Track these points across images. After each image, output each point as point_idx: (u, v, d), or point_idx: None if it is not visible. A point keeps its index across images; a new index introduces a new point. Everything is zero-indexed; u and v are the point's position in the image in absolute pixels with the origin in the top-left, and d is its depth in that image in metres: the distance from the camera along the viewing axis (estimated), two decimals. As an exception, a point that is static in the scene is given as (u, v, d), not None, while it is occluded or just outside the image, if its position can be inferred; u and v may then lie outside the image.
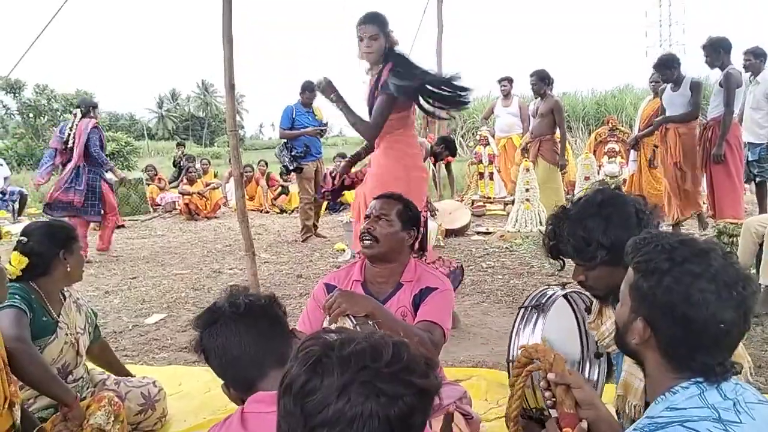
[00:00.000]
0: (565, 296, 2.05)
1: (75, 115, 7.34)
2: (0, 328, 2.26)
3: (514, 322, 1.93)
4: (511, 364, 1.84)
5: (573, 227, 1.82)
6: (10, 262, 2.50)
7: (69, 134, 7.09)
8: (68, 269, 2.58)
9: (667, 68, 6.22)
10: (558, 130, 7.79)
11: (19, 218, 10.78)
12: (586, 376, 2.03)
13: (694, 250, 1.29)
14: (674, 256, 1.28)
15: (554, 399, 1.50)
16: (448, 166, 10.02)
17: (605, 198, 1.83)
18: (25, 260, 2.50)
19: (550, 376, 1.51)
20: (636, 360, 1.38)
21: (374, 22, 3.65)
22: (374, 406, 0.91)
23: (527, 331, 1.88)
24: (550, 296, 1.95)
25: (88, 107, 7.37)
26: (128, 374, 3.11)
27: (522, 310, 1.94)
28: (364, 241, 2.53)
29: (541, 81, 7.73)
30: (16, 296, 2.42)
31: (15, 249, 2.54)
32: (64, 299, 2.68)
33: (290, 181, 11.43)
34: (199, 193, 11.26)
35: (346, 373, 0.93)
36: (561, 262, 1.96)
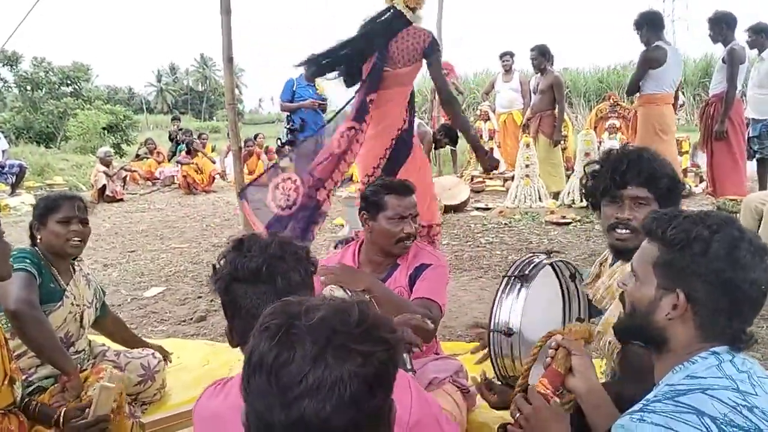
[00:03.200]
0: (551, 265, 2.03)
1: None
2: (9, 290, 2.29)
3: (497, 291, 1.89)
4: (493, 334, 1.84)
5: (642, 154, 1.86)
6: None
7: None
8: (39, 240, 2.59)
9: (637, 27, 5.51)
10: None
11: (16, 191, 10.75)
12: None
13: (722, 218, 1.32)
14: (709, 224, 1.28)
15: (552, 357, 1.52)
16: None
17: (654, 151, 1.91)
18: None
19: (558, 337, 1.54)
20: (654, 341, 1.34)
21: None
22: (352, 367, 0.90)
23: (509, 301, 1.84)
24: (536, 264, 1.89)
25: None
26: (145, 344, 3.15)
27: (505, 279, 1.89)
28: (407, 243, 2.51)
29: (542, 56, 7.67)
30: (27, 260, 2.46)
31: None
32: (74, 272, 2.70)
33: (285, 155, 11.38)
34: (195, 163, 11.25)
35: (318, 340, 0.92)
36: (595, 201, 1.94)
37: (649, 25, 5.47)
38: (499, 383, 1.94)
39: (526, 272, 1.86)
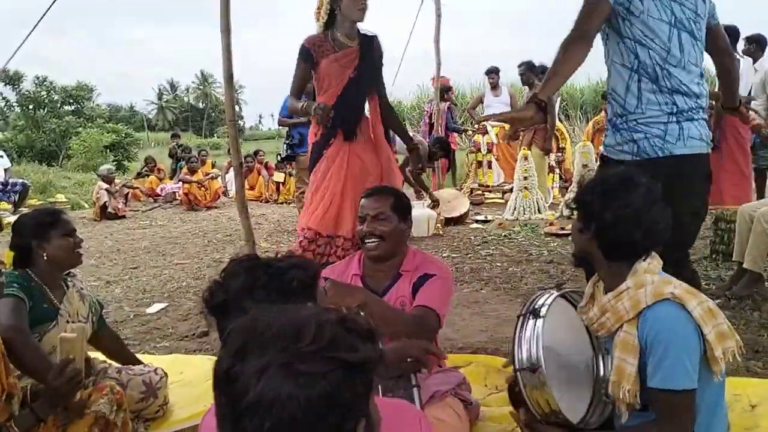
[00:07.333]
0: (564, 296, 2.02)
1: (431, 101, 10.44)
2: None
3: (514, 331, 1.86)
4: (520, 373, 1.80)
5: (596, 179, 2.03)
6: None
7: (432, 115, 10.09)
8: (45, 257, 2.57)
9: None
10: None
11: (19, 209, 10.79)
12: (602, 372, 1.98)
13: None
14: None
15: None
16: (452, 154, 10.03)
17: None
18: (11, 254, 2.56)
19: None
20: None
21: None
22: (292, 388, 0.87)
23: (527, 337, 1.81)
24: (545, 299, 1.89)
25: (443, 92, 10.02)
26: (139, 363, 3.12)
27: (519, 318, 1.87)
28: (368, 244, 2.50)
29: (530, 71, 7.80)
30: (15, 285, 2.45)
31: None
32: (67, 287, 2.70)
33: (284, 171, 11.43)
34: (198, 182, 11.29)
35: (265, 355, 0.89)
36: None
37: None
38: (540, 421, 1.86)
39: (536, 306, 1.86)
